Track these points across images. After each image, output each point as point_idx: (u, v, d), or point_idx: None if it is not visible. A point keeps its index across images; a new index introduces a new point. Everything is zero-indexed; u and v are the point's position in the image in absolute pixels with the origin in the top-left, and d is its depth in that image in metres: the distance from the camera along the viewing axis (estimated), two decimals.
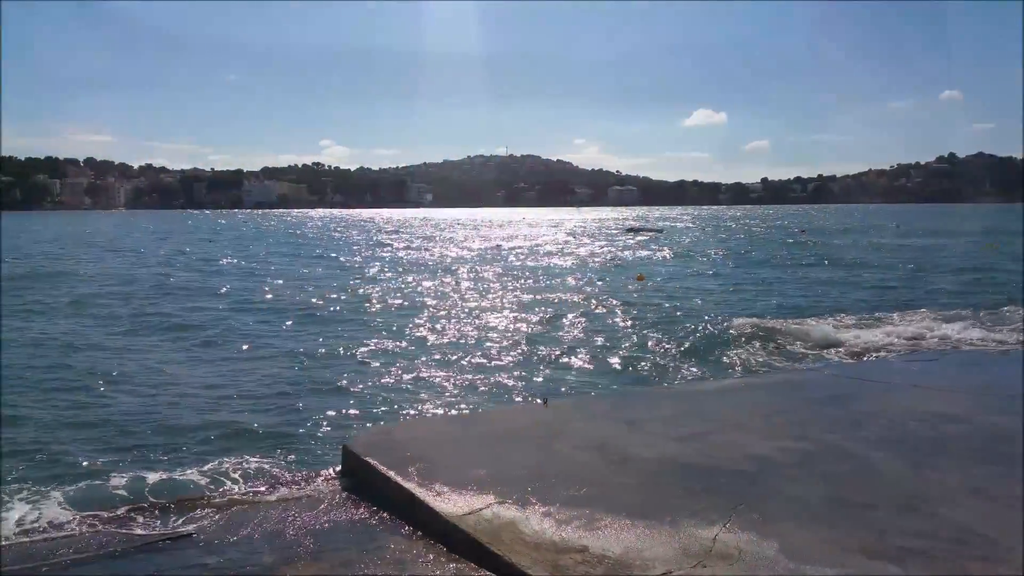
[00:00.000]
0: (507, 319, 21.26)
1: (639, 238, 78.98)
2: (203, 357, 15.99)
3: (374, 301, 26.03)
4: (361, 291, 29.29)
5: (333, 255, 52.47)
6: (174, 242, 71.01)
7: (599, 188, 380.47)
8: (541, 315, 21.88)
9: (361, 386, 13.25)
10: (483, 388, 13.12)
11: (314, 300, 26.11)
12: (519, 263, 44.34)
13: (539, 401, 8.19)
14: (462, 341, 17.82)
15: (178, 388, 13.00)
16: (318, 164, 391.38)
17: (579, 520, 4.77)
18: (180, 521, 5.82)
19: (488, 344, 17.32)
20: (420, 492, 5.33)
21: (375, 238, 79.10)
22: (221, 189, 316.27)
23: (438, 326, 20.09)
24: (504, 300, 25.85)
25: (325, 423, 11.16)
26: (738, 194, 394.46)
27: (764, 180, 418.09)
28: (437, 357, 15.77)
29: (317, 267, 42.25)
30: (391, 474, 5.74)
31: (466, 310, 23.46)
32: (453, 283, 32.40)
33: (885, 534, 4.49)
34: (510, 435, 6.67)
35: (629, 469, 5.72)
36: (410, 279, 34.39)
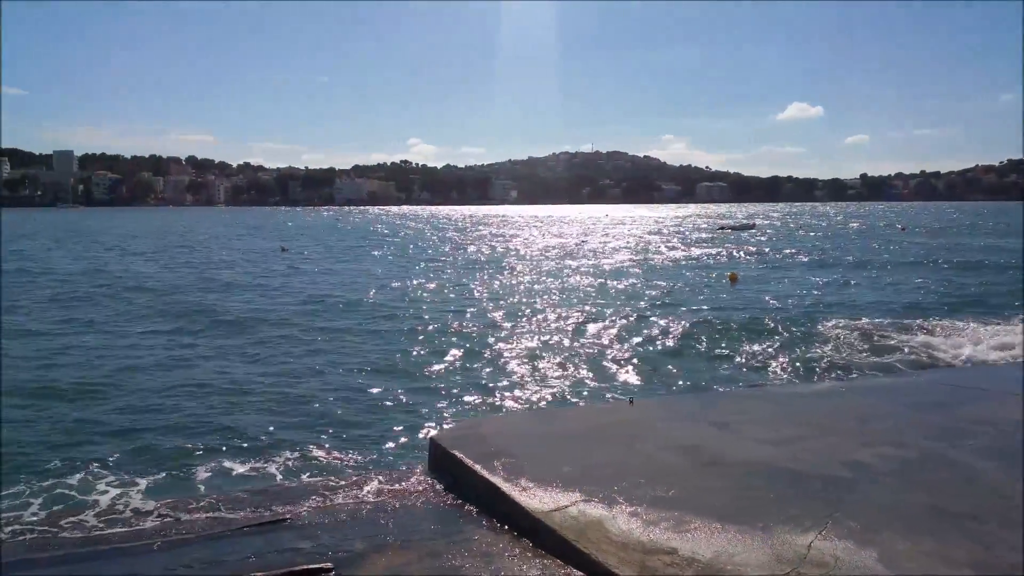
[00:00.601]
0: (590, 317, 21.17)
1: (729, 235, 77.19)
2: (287, 351, 16.55)
3: (456, 296, 26.39)
4: (443, 287, 29.74)
5: (414, 251, 53.47)
6: (262, 238, 73.69)
7: (687, 184, 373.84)
8: (627, 313, 21.69)
9: (447, 380, 13.45)
10: (567, 385, 13.12)
11: (392, 296, 26.67)
12: (602, 260, 44.06)
13: (625, 399, 8.12)
14: (545, 338, 17.85)
15: (267, 380, 13.48)
16: (406, 162, 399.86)
17: (667, 521, 4.71)
18: (275, 507, 6.06)
19: (572, 342, 17.29)
20: (506, 487, 5.37)
21: (451, 235, 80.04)
22: (314, 187, 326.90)
23: (521, 323, 20.18)
24: (588, 298, 25.75)
25: (412, 416, 11.39)
26: (835, 190, 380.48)
27: (863, 176, 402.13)
28: (520, 354, 15.86)
29: (398, 263, 43.17)
30: (477, 468, 5.80)
31: (548, 308, 23.48)
32: (534, 280, 32.49)
33: (993, 548, 4.25)
34: (595, 433, 6.64)
35: (719, 472, 5.61)
36: (490, 275, 34.68)
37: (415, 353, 16.01)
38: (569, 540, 4.51)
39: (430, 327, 19.20)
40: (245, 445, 9.73)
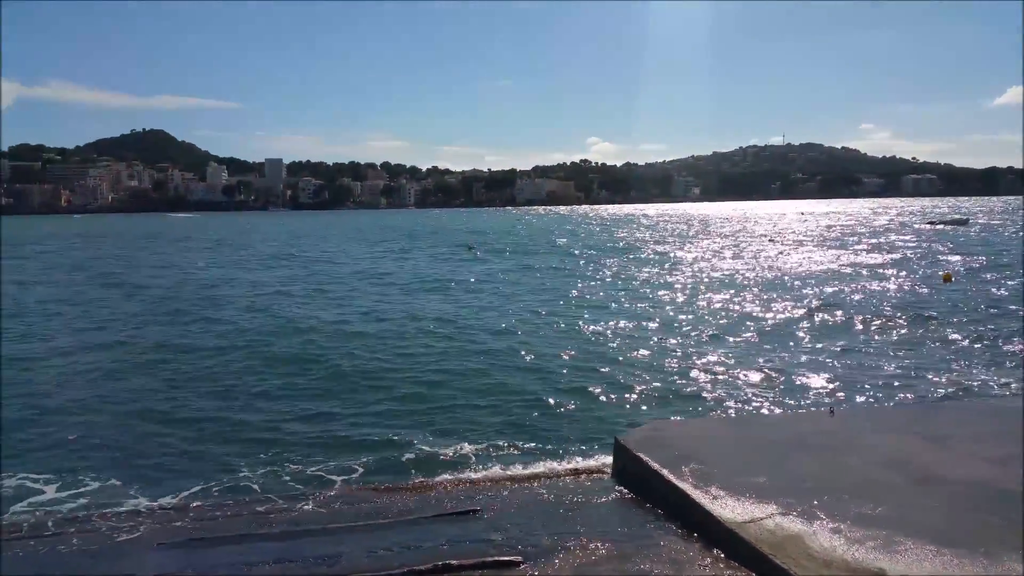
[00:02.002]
0: (784, 319, 20.11)
1: (940, 231, 70.37)
2: (486, 347, 17.10)
3: (641, 295, 26.07)
4: (626, 286, 29.50)
5: (596, 251, 53.49)
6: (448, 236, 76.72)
7: (891, 177, 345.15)
8: (826, 317, 20.39)
9: (631, 380, 13.31)
10: (760, 391, 12.52)
11: (576, 292, 26.78)
12: (797, 260, 41.73)
13: (824, 409, 7.64)
14: (737, 340, 17.17)
15: (467, 376, 13.98)
16: (585, 161, 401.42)
17: (874, 540, 4.38)
18: (467, 496, 6.31)
19: (766, 345, 16.51)
20: (695, 494, 5.24)
21: (637, 235, 79.06)
22: (496, 188, 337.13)
23: (709, 323, 19.57)
24: (780, 299, 24.49)
25: (596, 413, 11.39)
26: None
27: None
28: (710, 355, 15.37)
29: (582, 261, 43.33)
30: (664, 472, 5.71)
31: (738, 308, 22.59)
32: (722, 280, 31.39)
33: None
34: (791, 443, 6.31)
35: (933, 490, 5.14)
36: (675, 274, 33.93)
37: (600, 351, 16.00)
38: (766, 554, 4.32)
39: (620, 325, 19.12)
40: (442, 436, 10.18)
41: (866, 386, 12.77)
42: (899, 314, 20.59)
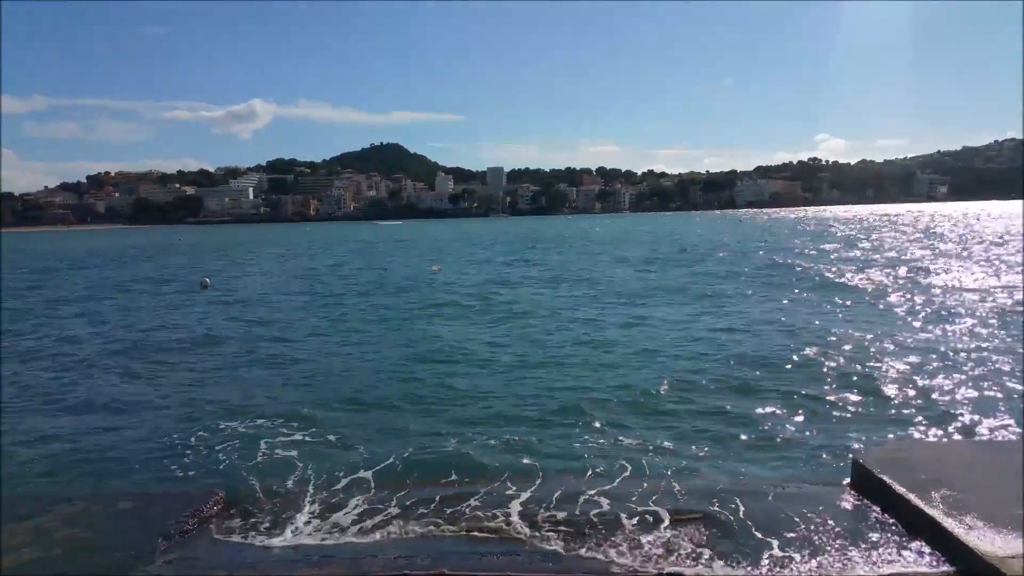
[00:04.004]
0: None
1: None
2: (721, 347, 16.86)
3: (890, 305, 24.20)
4: (867, 293, 27.47)
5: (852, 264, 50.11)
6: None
7: None
8: None
9: (869, 394, 12.53)
10: (1011, 413, 11.28)
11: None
12: None
13: None
14: (988, 355, 15.50)
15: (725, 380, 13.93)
16: (814, 159, 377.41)
17: None
18: (701, 501, 6.41)
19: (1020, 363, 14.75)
20: (947, 523, 4.99)
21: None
22: (714, 190, 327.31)
23: (959, 335, 17.79)
24: None
25: (831, 427, 10.87)
26: None
27: None
28: (956, 372, 14.03)
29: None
30: (911, 497, 5.47)
31: (994, 317, 20.29)
32: (980, 290, 28.23)
33: None
34: None
35: None
36: (932, 280, 31.01)
37: (841, 361, 15.18)
38: None
39: (861, 329, 17.99)
40: (681, 438, 10.26)
41: None
42: None
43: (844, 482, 6.70)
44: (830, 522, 5.80)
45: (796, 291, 28.53)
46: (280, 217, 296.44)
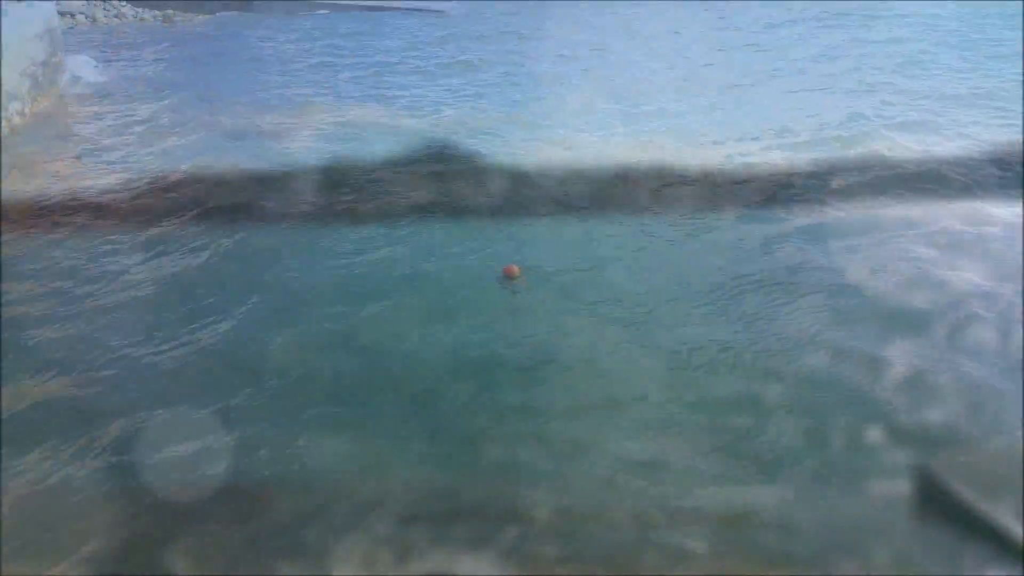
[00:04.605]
0: None
1: None
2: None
3: None
4: None
5: None
6: None
7: None
8: None
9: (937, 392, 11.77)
10: None
11: None
12: None
13: None
14: None
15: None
16: None
17: None
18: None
19: None
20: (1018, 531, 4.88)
21: None
22: None
23: None
24: None
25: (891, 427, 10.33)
26: None
27: None
28: None
29: None
30: (983, 507, 5.34)
31: None
32: None
33: None
34: None
35: None
36: None
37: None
38: None
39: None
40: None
41: None
42: None
43: (901, 482, 6.38)
44: (900, 529, 5.66)
45: None
46: None
